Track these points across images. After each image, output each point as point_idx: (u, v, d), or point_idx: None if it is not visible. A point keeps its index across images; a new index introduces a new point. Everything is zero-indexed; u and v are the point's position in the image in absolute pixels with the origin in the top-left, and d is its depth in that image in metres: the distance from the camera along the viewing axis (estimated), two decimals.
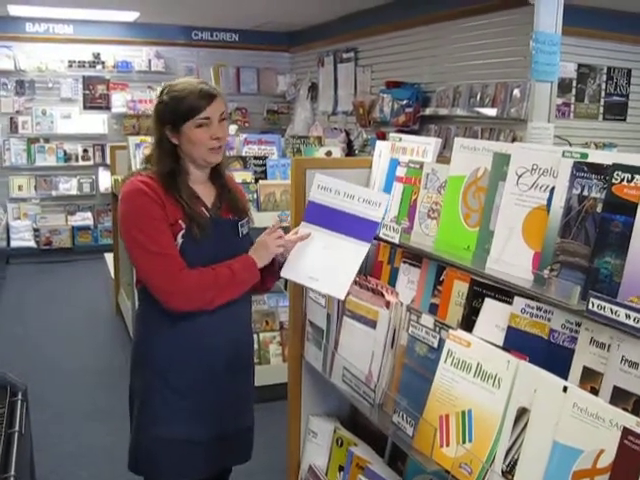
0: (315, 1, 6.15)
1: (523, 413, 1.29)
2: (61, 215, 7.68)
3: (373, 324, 1.79)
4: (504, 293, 1.56)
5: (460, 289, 1.71)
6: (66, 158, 7.58)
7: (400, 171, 1.96)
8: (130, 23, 7.53)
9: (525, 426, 1.28)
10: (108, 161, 6.56)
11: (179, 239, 1.81)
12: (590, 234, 1.29)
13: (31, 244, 7.36)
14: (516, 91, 4.46)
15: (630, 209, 1.22)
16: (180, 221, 1.82)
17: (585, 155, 1.37)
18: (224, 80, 8.00)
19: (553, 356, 1.39)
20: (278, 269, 1.92)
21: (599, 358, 1.29)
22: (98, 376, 4.22)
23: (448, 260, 1.67)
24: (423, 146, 1.94)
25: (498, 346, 1.43)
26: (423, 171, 1.84)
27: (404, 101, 5.54)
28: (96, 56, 7.59)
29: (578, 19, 4.17)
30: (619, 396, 1.22)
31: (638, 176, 1.22)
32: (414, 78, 5.68)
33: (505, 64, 4.64)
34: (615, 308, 1.17)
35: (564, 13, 2.77)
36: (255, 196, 3.72)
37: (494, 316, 1.56)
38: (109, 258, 5.94)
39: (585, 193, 1.32)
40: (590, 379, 1.30)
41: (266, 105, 8.43)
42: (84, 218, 7.74)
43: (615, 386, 1.23)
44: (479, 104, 4.82)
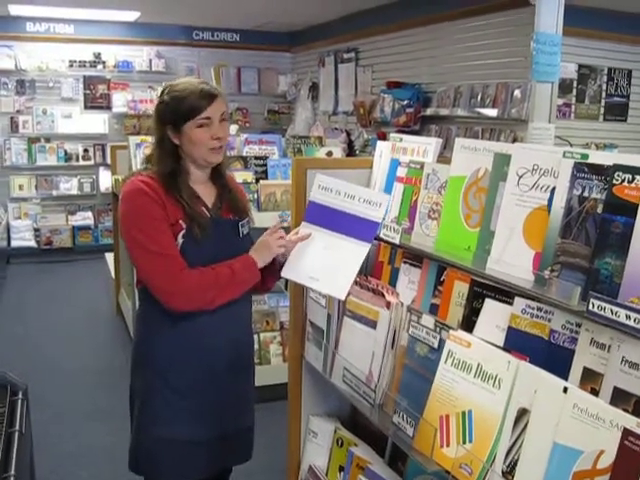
0: (316, 1, 6.15)
1: (523, 414, 1.29)
2: (62, 215, 7.69)
3: (373, 324, 1.79)
4: (504, 293, 1.56)
5: (460, 289, 1.71)
6: (67, 158, 7.59)
7: (401, 171, 1.95)
8: (131, 23, 7.54)
9: (525, 427, 1.28)
10: (109, 161, 6.57)
11: (180, 239, 1.81)
12: (591, 235, 1.29)
13: (32, 244, 7.36)
14: (517, 92, 4.46)
15: (631, 210, 1.22)
16: (181, 221, 1.82)
17: (586, 156, 1.37)
18: (225, 80, 8.01)
19: (553, 357, 1.39)
20: (279, 269, 1.92)
21: (599, 359, 1.29)
22: (98, 376, 4.22)
23: (449, 260, 1.67)
24: (424, 146, 1.94)
25: (498, 347, 1.43)
26: (424, 171, 1.84)
27: (405, 101, 5.55)
28: (97, 56, 7.60)
29: (579, 20, 4.17)
30: (619, 397, 1.22)
31: (639, 177, 1.22)
32: (415, 78, 5.68)
33: (506, 64, 4.64)
34: (615, 309, 1.17)
35: (565, 14, 2.77)
36: (256, 196, 3.72)
37: (494, 316, 1.56)
38: (109, 258, 5.94)
39: (586, 194, 1.32)
40: (590, 380, 1.30)
41: (267, 105, 8.44)
42: (85, 218, 7.74)
43: (615, 387, 1.23)
44: (480, 104, 4.82)
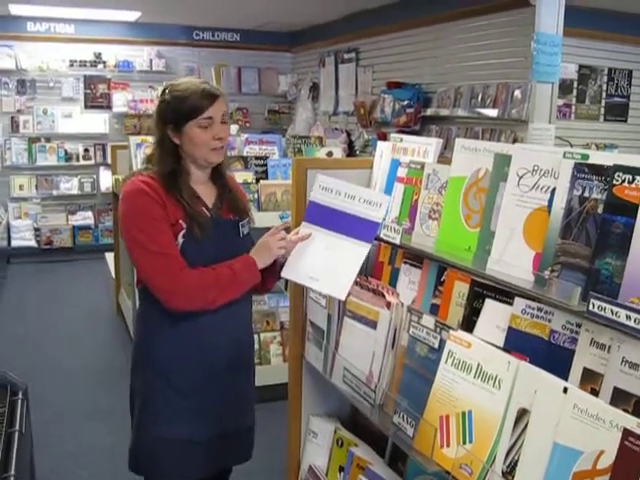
0: (316, 1, 6.15)
1: (523, 414, 1.29)
2: (62, 215, 7.69)
3: (374, 324, 1.79)
4: (505, 294, 1.56)
5: (461, 290, 1.71)
6: (67, 157, 7.59)
7: (401, 172, 1.95)
8: (131, 23, 7.54)
9: (525, 427, 1.28)
10: (109, 161, 6.58)
11: (180, 239, 1.81)
12: (591, 235, 1.29)
13: (32, 243, 7.36)
14: (517, 92, 4.46)
15: (631, 210, 1.22)
16: (181, 221, 1.82)
17: (586, 156, 1.37)
18: (225, 80, 8.01)
19: (553, 357, 1.39)
20: (279, 269, 1.92)
21: (599, 359, 1.29)
22: (99, 376, 4.22)
23: (449, 261, 1.67)
24: (424, 147, 1.94)
25: (498, 347, 1.43)
26: (424, 172, 1.84)
27: (405, 101, 5.55)
28: (97, 56, 7.60)
29: (579, 20, 4.18)
30: (619, 397, 1.22)
31: (639, 177, 1.22)
32: (415, 79, 5.68)
33: (506, 65, 4.64)
34: (616, 309, 1.17)
35: (565, 14, 2.77)
36: (256, 196, 3.71)
37: (495, 317, 1.56)
38: (110, 258, 5.94)
39: (586, 194, 1.32)
40: (590, 380, 1.30)
41: (267, 105, 8.44)
42: (85, 218, 7.75)
43: (615, 387, 1.23)
44: (480, 105, 4.82)
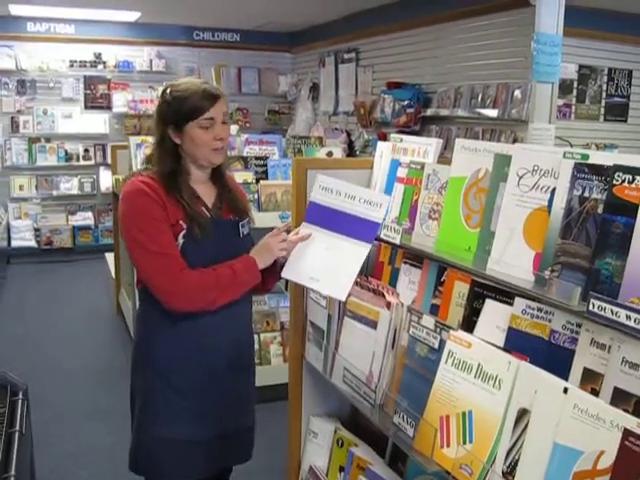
0: (316, 1, 6.15)
1: (524, 414, 1.29)
2: (62, 215, 7.69)
3: (374, 325, 1.79)
4: (505, 294, 1.56)
5: (461, 290, 1.71)
6: (67, 158, 7.59)
7: (401, 172, 1.95)
8: (131, 23, 7.54)
9: (526, 427, 1.28)
10: (109, 161, 6.58)
11: (180, 239, 1.81)
12: (591, 235, 1.29)
13: (32, 244, 7.36)
14: (517, 92, 4.46)
15: (631, 210, 1.22)
16: (181, 221, 1.82)
17: (586, 156, 1.37)
18: (225, 80, 8.01)
19: (554, 357, 1.39)
20: (279, 270, 1.92)
21: (600, 359, 1.29)
22: (99, 376, 4.22)
23: (449, 261, 1.67)
24: (424, 147, 1.94)
25: (499, 347, 1.43)
26: (424, 172, 1.84)
27: (405, 102, 5.55)
28: (97, 56, 7.60)
29: (579, 20, 4.18)
30: (620, 397, 1.22)
31: (639, 177, 1.22)
32: (415, 79, 5.68)
33: (506, 65, 4.64)
34: (616, 309, 1.17)
35: (565, 14, 2.78)
36: (256, 196, 3.71)
37: (495, 317, 1.56)
38: (110, 258, 5.94)
39: (586, 194, 1.32)
40: (590, 380, 1.30)
41: (267, 105, 8.44)
42: (85, 218, 7.75)
43: (616, 387, 1.23)
44: (480, 105, 4.82)
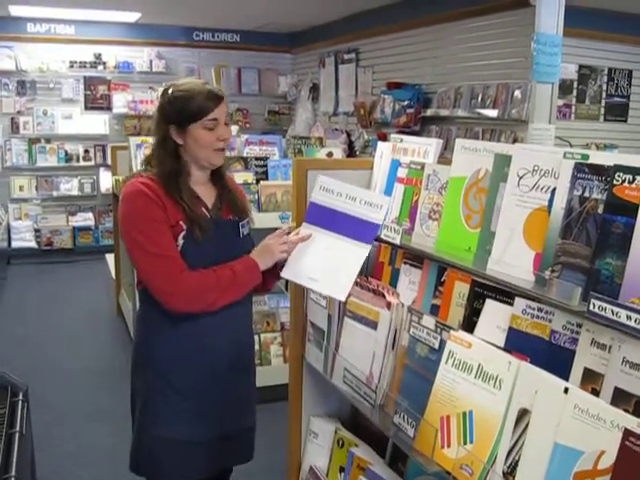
0: (316, 2, 6.15)
1: (524, 414, 1.29)
2: (62, 215, 7.69)
3: (374, 325, 1.79)
4: (505, 294, 1.56)
5: (461, 290, 1.71)
6: (67, 158, 7.59)
7: (401, 172, 1.95)
8: (131, 24, 7.54)
9: (526, 427, 1.28)
10: (109, 162, 6.58)
11: (180, 240, 1.81)
12: (591, 235, 1.29)
13: (32, 244, 7.36)
14: (517, 92, 4.46)
15: (631, 210, 1.22)
16: (181, 222, 1.82)
17: (586, 156, 1.37)
18: (225, 81, 8.01)
19: (554, 357, 1.39)
20: (279, 270, 1.92)
21: (600, 359, 1.29)
22: (99, 377, 4.22)
23: (449, 261, 1.67)
24: (424, 147, 1.94)
25: (499, 347, 1.43)
26: (424, 172, 1.84)
27: (405, 102, 5.55)
28: (97, 57, 7.60)
29: (579, 20, 4.18)
30: (620, 397, 1.22)
31: (639, 177, 1.22)
32: (415, 79, 5.68)
33: (506, 65, 4.64)
34: (616, 309, 1.17)
35: (565, 14, 2.78)
36: (256, 197, 3.71)
37: (495, 317, 1.56)
38: (110, 259, 5.94)
39: (586, 194, 1.32)
40: (591, 380, 1.30)
41: (267, 106, 8.44)
42: (85, 219, 7.75)
43: (616, 387, 1.23)
44: (480, 105, 4.82)
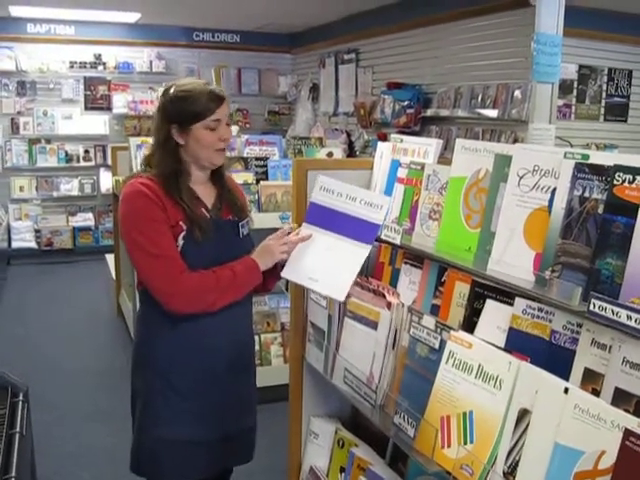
0: (316, 2, 6.15)
1: (524, 414, 1.29)
2: (62, 216, 7.69)
3: (374, 325, 1.79)
4: (505, 294, 1.56)
5: (461, 290, 1.71)
6: (67, 159, 7.59)
7: (401, 172, 1.95)
8: (131, 24, 7.54)
9: (526, 427, 1.28)
10: (109, 162, 6.59)
11: (180, 241, 1.81)
12: (591, 235, 1.29)
13: (32, 245, 7.36)
14: (517, 92, 4.46)
15: (631, 210, 1.22)
16: (181, 223, 1.82)
17: (586, 156, 1.37)
18: (225, 81, 8.01)
19: (554, 357, 1.39)
20: (279, 270, 1.92)
21: (600, 359, 1.29)
22: (99, 377, 4.22)
23: (449, 261, 1.67)
24: (424, 147, 1.94)
25: (499, 347, 1.43)
26: (424, 172, 1.84)
27: (405, 102, 5.55)
28: (97, 57, 7.60)
29: (579, 20, 4.18)
30: (620, 397, 1.22)
31: (639, 177, 1.22)
32: (415, 79, 5.68)
33: (506, 65, 4.64)
34: (616, 309, 1.17)
35: (565, 14, 2.78)
36: (256, 197, 3.71)
37: (495, 317, 1.56)
38: (110, 259, 5.94)
39: (586, 194, 1.32)
40: (591, 380, 1.30)
41: (267, 106, 8.45)
42: (85, 219, 7.75)
43: (616, 387, 1.23)
44: (480, 105, 4.82)
